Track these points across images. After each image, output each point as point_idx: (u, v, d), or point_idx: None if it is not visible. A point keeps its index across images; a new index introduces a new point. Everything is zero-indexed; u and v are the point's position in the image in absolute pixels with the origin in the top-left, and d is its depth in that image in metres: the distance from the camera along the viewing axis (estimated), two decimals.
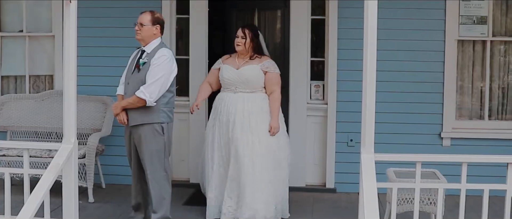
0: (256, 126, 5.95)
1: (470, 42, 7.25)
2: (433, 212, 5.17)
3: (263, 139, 5.95)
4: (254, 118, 5.96)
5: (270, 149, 5.97)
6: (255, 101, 6.02)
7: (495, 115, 7.33)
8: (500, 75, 7.29)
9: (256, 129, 5.94)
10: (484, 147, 6.95)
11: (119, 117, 5.55)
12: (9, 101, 7.42)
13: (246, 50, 6.08)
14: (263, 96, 6.08)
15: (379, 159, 4.77)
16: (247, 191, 5.84)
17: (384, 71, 6.45)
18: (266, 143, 5.95)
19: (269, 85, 6.06)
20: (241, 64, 6.08)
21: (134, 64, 5.55)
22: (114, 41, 7.26)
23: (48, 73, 7.80)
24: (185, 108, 7.40)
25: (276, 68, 6.10)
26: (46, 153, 6.58)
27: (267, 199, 5.88)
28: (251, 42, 6.06)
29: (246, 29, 6.11)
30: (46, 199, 4.82)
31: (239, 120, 5.95)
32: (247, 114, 5.96)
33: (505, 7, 7.21)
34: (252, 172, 5.86)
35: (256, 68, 6.03)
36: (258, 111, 5.99)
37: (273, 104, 6.04)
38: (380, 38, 4.75)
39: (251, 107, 5.98)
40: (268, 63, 6.07)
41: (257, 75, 6.03)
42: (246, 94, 6.03)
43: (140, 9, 5.67)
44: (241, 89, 6.05)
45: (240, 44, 6.06)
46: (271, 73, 6.06)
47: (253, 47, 6.09)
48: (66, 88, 5.09)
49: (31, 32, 7.70)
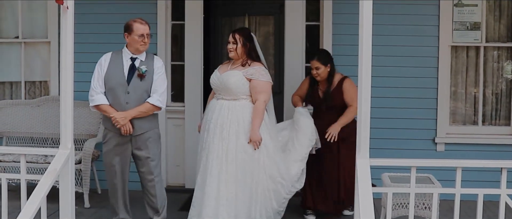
0: (227, 135, 5.62)
1: (464, 48, 7.29)
2: (428, 216, 5.20)
3: (233, 150, 5.60)
4: (228, 127, 5.63)
5: (242, 161, 5.61)
6: (233, 109, 5.68)
7: (488, 120, 7.37)
8: (493, 81, 7.33)
9: (228, 139, 5.62)
10: (477, 152, 6.99)
11: (125, 128, 5.45)
12: (4, 107, 7.43)
13: (240, 56, 5.76)
14: (245, 104, 5.72)
15: (374, 164, 4.79)
16: (206, 202, 5.59)
17: (378, 77, 6.49)
18: (236, 155, 5.60)
19: (253, 93, 5.69)
20: (228, 70, 5.80)
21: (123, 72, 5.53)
22: (110, 47, 7.20)
23: (43, 79, 7.81)
24: (180, 114, 7.43)
25: (261, 76, 5.70)
26: (43, 159, 6.59)
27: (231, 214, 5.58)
28: (242, 47, 5.72)
29: (237, 33, 5.78)
30: (43, 205, 4.81)
31: (212, 128, 5.70)
32: (221, 122, 5.66)
33: (498, 13, 7.26)
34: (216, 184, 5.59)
35: (237, 75, 5.68)
36: (234, 119, 5.66)
37: (253, 113, 5.64)
38: (374, 44, 4.76)
39: (227, 115, 5.66)
40: (252, 70, 5.69)
41: (237, 82, 5.66)
42: (226, 102, 5.72)
43: (136, 16, 5.68)
44: (223, 96, 5.76)
45: (232, 50, 5.76)
46: (255, 81, 5.67)
47: (246, 52, 5.75)
48: (63, 94, 5.08)
49: (27, 38, 7.71)
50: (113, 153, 5.61)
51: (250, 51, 5.79)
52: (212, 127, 5.71)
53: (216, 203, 5.57)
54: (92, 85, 5.52)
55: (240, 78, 5.68)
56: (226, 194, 5.58)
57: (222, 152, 5.62)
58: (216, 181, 5.59)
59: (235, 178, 5.60)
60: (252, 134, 5.58)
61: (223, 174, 5.60)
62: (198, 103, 7.42)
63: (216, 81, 5.82)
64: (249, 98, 5.75)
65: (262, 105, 5.65)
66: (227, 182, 5.59)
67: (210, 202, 5.58)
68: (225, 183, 5.58)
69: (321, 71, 6.24)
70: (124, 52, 5.57)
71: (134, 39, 5.49)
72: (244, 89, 5.71)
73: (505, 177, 4.78)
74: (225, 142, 5.62)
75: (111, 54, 5.60)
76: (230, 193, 5.59)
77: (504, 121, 7.34)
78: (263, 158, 5.69)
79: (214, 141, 5.67)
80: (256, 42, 5.89)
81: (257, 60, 5.83)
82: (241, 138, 5.63)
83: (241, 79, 5.68)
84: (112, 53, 5.61)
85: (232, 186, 5.60)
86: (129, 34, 5.50)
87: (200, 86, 7.45)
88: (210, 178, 5.61)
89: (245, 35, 5.80)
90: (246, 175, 5.62)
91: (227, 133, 5.63)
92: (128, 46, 5.56)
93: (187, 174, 7.47)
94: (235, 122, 5.65)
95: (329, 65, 6.24)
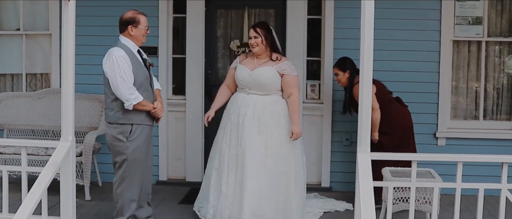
0: (265, 129, 5.72)
1: (466, 43, 7.28)
2: (429, 211, 5.20)
3: (273, 144, 5.73)
4: (265, 121, 5.73)
5: (281, 156, 5.75)
6: (267, 104, 5.79)
7: (489, 115, 7.36)
8: (495, 75, 7.32)
9: (266, 133, 5.72)
10: (478, 146, 6.99)
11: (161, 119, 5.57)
12: (5, 100, 7.43)
13: (264, 50, 5.84)
14: (277, 99, 5.85)
15: (375, 158, 4.80)
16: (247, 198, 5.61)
17: (379, 71, 6.48)
18: (275, 149, 5.74)
19: (286, 88, 5.81)
20: (257, 65, 5.84)
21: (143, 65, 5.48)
22: (111, 40, 7.19)
23: (44, 72, 7.80)
24: (181, 107, 7.44)
25: (293, 71, 5.83)
26: (43, 151, 6.59)
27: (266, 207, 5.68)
28: (265, 40, 5.80)
29: (258, 27, 5.86)
30: (44, 197, 4.83)
31: (248, 122, 5.73)
32: (257, 117, 5.73)
33: (500, 8, 7.24)
34: (257, 179, 5.64)
35: (271, 71, 5.79)
36: (270, 114, 5.76)
37: (291, 107, 5.78)
38: (376, 38, 4.77)
39: (264, 110, 5.75)
40: (284, 66, 5.81)
41: (271, 78, 5.78)
42: (259, 97, 5.81)
43: (137, 8, 5.67)
44: (254, 91, 5.83)
45: (255, 45, 5.81)
46: (288, 76, 5.79)
47: (269, 44, 5.84)
48: (64, 87, 5.09)
49: (28, 30, 7.70)
50: (145, 146, 5.50)
51: (272, 43, 5.90)
52: (247, 122, 5.75)
53: (258, 197, 5.63)
54: (127, 84, 5.21)
55: (274, 74, 5.80)
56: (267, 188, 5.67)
57: (262, 147, 5.70)
58: (256, 175, 5.65)
59: (275, 172, 5.71)
60: (295, 127, 5.74)
61: (262, 169, 5.68)
62: (199, 96, 7.41)
63: (247, 77, 5.86)
64: (279, 93, 5.89)
65: (298, 99, 5.86)
66: (267, 176, 5.68)
67: (253, 198, 5.62)
68: (266, 178, 5.67)
69: (340, 77, 6.55)
70: (130, 45, 5.41)
71: (141, 32, 5.44)
72: (277, 84, 5.84)
73: (505, 172, 4.79)
74: (263, 136, 5.72)
75: (122, 49, 5.33)
76: (272, 187, 5.69)
77: (505, 116, 7.33)
78: (296, 154, 5.88)
79: (252, 135, 5.71)
80: (274, 34, 5.99)
81: (279, 52, 5.97)
82: (279, 132, 5.75)
83: (275, 75, 5.80)
84: (121, 48, 5.34)
85: (273, 180, 5.69)
86: (134, 27, 5.40)
87: (202, 80, 7.43)
88: (251, 172, 5.65)
89: (266, 28, 5.90)
90: (285, 169, 5.76)
91: (265, 127, 5.73)
92: (132, 38, 5.42)
93: (188, 167, 7.47)
94: (272, 117, 5.76)
95: (348, 71, 6.48)
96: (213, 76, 7.48)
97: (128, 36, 5.42)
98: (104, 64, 5.31)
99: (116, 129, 5.37)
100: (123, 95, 5.21)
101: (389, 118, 6.32)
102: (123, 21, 5.44)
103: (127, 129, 5.36)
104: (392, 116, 6.34)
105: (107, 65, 5.28)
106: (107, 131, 5.47)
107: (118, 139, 5.36)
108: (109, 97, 5.37)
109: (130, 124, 5.37)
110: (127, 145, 5.36)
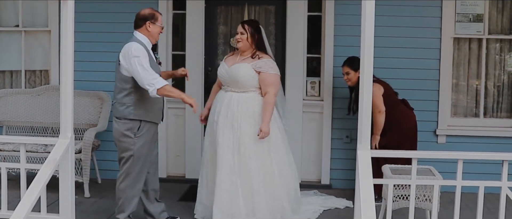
0: (239, 127, 5.65)
1: (466, 40, 7.26)
2: (429, 208, 5.19)
3: (246, 142, 5.64)
4: (238, 119, 5.66)
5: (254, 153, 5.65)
6: (242, 101, 5.70)
7: (490, 112, 7.35)
8: (495, 73, 7.31)
9: (239, 131, 5.65)
10: (479, 144, 6.98)
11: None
12: (4, 96, 7.41)
13: (248, 47, 5.79)
14: (254, 96, 5.74)
15: (375, 155, 4.79)
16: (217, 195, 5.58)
17: (380, 68, 6.48)
18: (249, 147, 5.64)
19: (262, 86, 5.70)
20: (237, 62, 5.79)
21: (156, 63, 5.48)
22: (110, 36, 7.24)
23: (44, 68, 7.79)
24: (181, 104, 7.40)
25: (270, 69, 5.71)
26: (42, 148, 6.58)
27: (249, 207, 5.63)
28: (251, 38, 5.76)
29: (246, 24, 5.83)
30: (42, 194, 4.83)
31: (222, 120, 5.70)
32: (231, 114, 5.67)
33: (501, 5, 7.22)
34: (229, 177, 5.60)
35: (246, 68, 5.70)
36: (244, 111, 5.67)
37: (264, 106, 5.64)
38: (376, 35, 4.75)
39: (237, 107, 5.68)
40: (261, 63, 5.71)
41: (246, 75, 5.68)
42: (235, 94, 5.74)
43: (136, 4, 5.68)
44: (231, 88, 5.79)
45: (239, 41, 5.79)
46: (264, 74, 5.68)
47: (255, 43, 5.78)
48: (63, 83, 5.09)
49: (27, 27, 7.69)
50: (151, 142, 5.52)
51: (258, 42, 5.82)
52: (221, 119, 5.71)
53: (229, 196, 5.58)
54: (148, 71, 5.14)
55: (250, 71, 5.70)
56: (240, 187, 5.61)
57: (234, 144, 5.64)
58: (229, 173, 5.60)
59: (248, 171, 5.63)
60: (263, 126, 5.58)
61: (235, 167, 5.62)
62: (199, 93, 7.40)
63: (224, 74, 5.83)
64: (258, 91, 5.77)
65: (272, 99, 5.67)
66: (240, 175, 5.61)
67: (222, 195, 5.58)
68: (238, 176, 5.61)
69: (351, 76, 6.53)
70: (146, 42, 5.38)
71: (157, 29, 5.44)
72: (253, 82, 5.73)
73: (506, 170, 4.79)
74: (237, 134, 5.64)
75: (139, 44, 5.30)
76: (245, 185, 5.62)
77: (506, 113, 7.32)
78: (274, 151, 5.77)
79: (224, 133, 5.67)
80: (264, 35, 5.92)
81: (265, 53, 5.85)
82: (253, 130, 5.65)
83: (250, 72, 5.70)
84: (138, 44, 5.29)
85: (246, 178, 5.63)
86: (152, 23, 5.38)
87: (201, 76, 7.43)
88: (222, 170, 5.61)
89: (254, 27, 5.84)
90: (258, 167, 5.66)
91: (239, 125, 5.65)
92: (148, 35, 5.40)
93: (188, 164, 7.48)
94: (246, 114, 5.67)
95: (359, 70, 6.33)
96: (213, 73, 7.46)
97: (144, 32, 5.40)
98: (123, 57, 5.25)
99: (125, 125, 5.34)
100: (146, 81, 5.13)
101: (394, 119, 6.33)
102: (141, 17, 5.41)
103: (135, 125, 5.35)
104: (397, 117, 6.34)
105: (126, 58, 5.22)
106: (114, 126, 5.43)
107: (126, 135, 5.34)
108: (121, 92, 5.35)
109: (139, 120, 5.35)
110: (135, 141, 5.36)
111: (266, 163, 5.72)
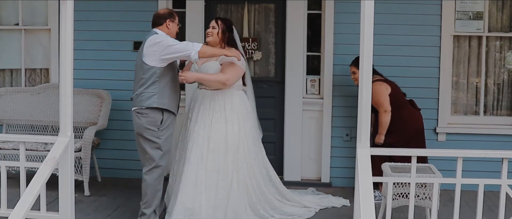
0: (210, 124, 5.67)
1: (466, 38, 7.25)
2: (428, 206, 5.18)
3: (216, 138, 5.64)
4: (209, 115, 5.69)
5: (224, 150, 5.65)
6: (215, 99, 5.72)
7: (490, 110, 7.34)
8: (495, 71, 7.30)
9: (210, 126, 5.66)
10: (479, 142, 6.97)
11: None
12: (4, 95, 7.41)
13: (217, 42, 5.78)
14: (225, 92, 5.74)
15: (375, 153, 4.78)
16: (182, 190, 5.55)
17: (380, 66, 6.48)
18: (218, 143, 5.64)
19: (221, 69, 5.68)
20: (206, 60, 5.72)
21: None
22: (110, 35, 7.24)
23: (44, 67, 7.78)
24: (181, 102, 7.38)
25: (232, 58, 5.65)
26: (42, 146, 6.58)
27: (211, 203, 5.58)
28: (222, 34, 5.77)
29: (219, 20, 5.84)
30: (42, 192, 4.83)
31: (195, 116, 5.75)
32: (203, 111, 5.71)
33: (501, 3, 7.21)
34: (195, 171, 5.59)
35: (214, 65, 5.70)
36: (216, 108, 5.70)
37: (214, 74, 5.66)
38: (376, 33, 4.74)
39: (210, 104, 5.71)
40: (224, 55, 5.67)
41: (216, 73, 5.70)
42: (208, 92, 5.76)
43: (136, 3, 5.67)
44: (203, 85, 5.82)
45: (210, 35, 5.79)
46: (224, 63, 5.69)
47: (225, 40, 5.79)
48: (62, 82, 5.08)
49: (27, 25, 7.68)
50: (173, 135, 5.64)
51: (229, 40, 5.84)
52: (194, 116, 5.76)
53: (194, 190, 5.57)
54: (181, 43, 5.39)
55: (217, 68, 5.71)
56: (205, 182, 5.59)
57: (203, 140, 5.65)
58: (195, 169, 5.60)
59: (216, 167, 5.62)
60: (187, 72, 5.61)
61: (203, 162, 5.61)
62: None
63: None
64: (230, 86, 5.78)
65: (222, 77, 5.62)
66: (207, 170, 5.60)
67: (187, 190, 5.57)
68: (205, 171, 5.60)
69: (357, 75, 6.38)
70: None
71: (175, 28, 5.64)
72: None
73: (505, 167, 4.78)
74: (207, 130, 5.66)
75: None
76: (210, 182, 5.60)
77: (506, 111, 7.32)
78: (244, 147, 5.76)
79: (195, 129, 5.70)
80: (236, 37, 5.93)
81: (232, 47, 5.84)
82: (224, 127, 5.67)
83: (218, 68, 5.71)
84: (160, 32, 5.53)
85: (213, 174, 5.62)
86: (172, 22, 5.57)
87: None
88: (189, 165, 5.62)
89: (227, 25, 5.86)
90: (227, 164, 5.66)
91: (210, 121, 5.68)
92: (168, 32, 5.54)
93: None
94: (218, 111, 5.70)
95: None
96: None
97: (164, 29, 5.55)
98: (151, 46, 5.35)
99: (146, 118, 5.39)
100: (184, 49, 5.32)
101: (400, 119, 6.33)
102: (161, 15, 5.59)
103: (158, 118, 5.42)
104: (404, 117, 6.34)
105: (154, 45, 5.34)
106: (136, 121, 5.44)
107: (150, 129, 5.41)
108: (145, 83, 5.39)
109: (161, 110, 5.41)
110: (160, 134, 5.45)
111: (236, 161, 5.71)
